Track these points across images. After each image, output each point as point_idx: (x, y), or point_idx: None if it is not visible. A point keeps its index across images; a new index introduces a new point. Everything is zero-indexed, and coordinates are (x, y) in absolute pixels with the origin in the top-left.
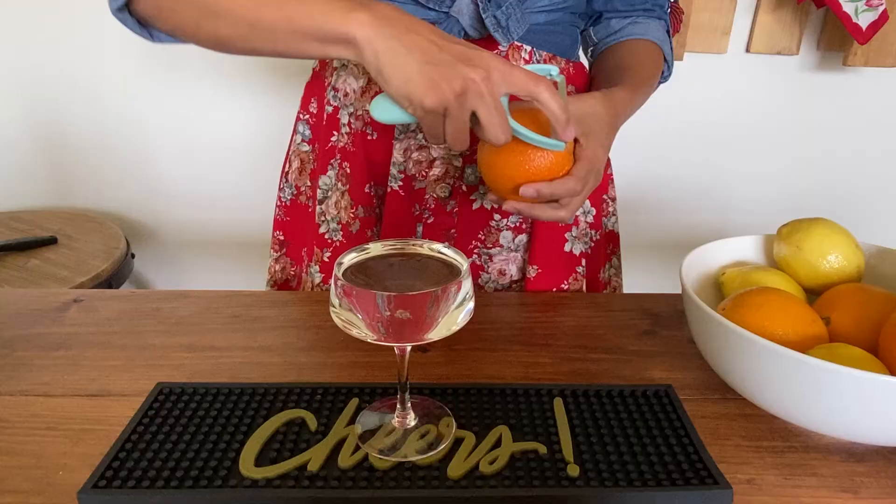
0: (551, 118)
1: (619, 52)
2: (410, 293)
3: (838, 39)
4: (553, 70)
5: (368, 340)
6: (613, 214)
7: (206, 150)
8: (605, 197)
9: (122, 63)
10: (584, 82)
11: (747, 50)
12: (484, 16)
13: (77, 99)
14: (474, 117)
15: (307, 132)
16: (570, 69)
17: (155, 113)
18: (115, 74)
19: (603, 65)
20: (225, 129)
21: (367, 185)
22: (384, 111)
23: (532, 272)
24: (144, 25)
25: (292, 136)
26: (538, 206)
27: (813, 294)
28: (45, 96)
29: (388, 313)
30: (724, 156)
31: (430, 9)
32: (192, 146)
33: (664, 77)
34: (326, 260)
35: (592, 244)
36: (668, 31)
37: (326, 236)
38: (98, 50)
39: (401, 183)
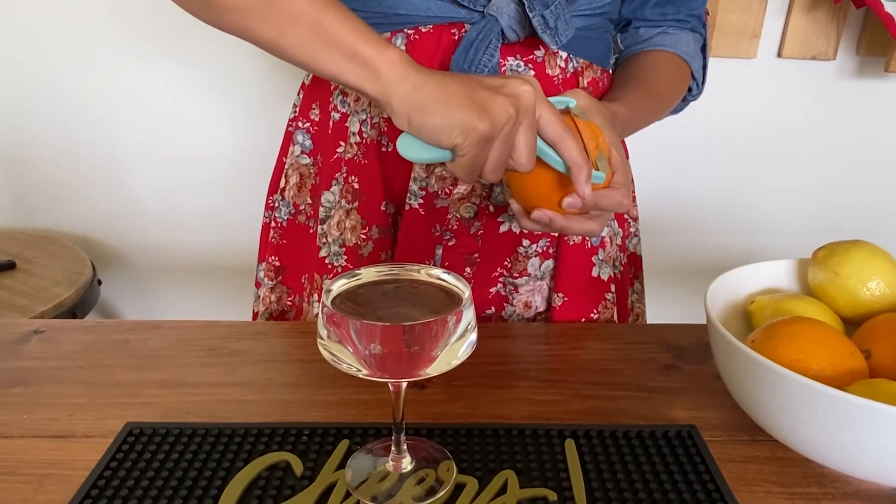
0: (574, 169)
1: (639, 62)
2: (405, 324)
3: (880, 43)
4: (571, 102)
5: (360, 376)
6: (635, 235)
7: (183, 163)
8: (626, 216)
9: (89, 66)
10: None
11: (779, 54)
12: (531, 15)
13: (37, 105)
14: None
15: (307, 142)
16: (605, 80)
17: (125, 121)
18: (80, 79)
19: (619, 73)
20: (205, 139)
21: (384, 203)
22: (418, 150)
23: (558, 300)
24: None
25: (283, 146)
26: (573, 217)
27: (852, 324)
28: (1, 102)
29: (381, 346)
30: (752, 171)
31: (462, 6)
32: (167, 159)
33: (692, 95)
34: (325, 284)
35: (621, 268)
36: (703, 47)
37: (327, 261)
38: (62, 51)
39: (421, 200)
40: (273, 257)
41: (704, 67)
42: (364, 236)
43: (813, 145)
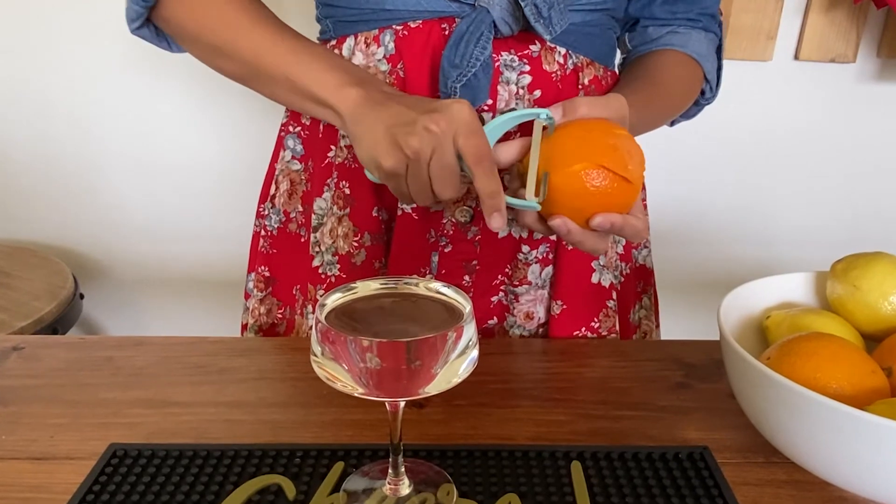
0: (480, 199)
1: (646, 62)
2: (403, 340)
3: None
4: (542, 113)
5: (355, 395)
6: (645, 247)
7: (170, 171)
8: None
9: (69, 68)
10: None
11: (796, 57)
12: (523, 4)
13: (16, 110)
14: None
15: (298, 147)
16: (608, 79)
17: (109, 127)
18: (61, 81)
19: (625, 73)
20: (193, 146)
21: (376, 208)
22: None
23: (557, 309)
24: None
25: (275, 152)
26: (589, 232)
27: (872, 340)
28: None
29: (377, 363)
30: (767, 179)
31: (452, 0)
32: (152, 167)
33: (706, 98)
34: (319, 298)
35: (622, 279)
36: (718, 48)
37: (320, 270)
38: (40, 53)
39: (414, 205)
40: (262, 267)
41: (719, 69)
42: (356, 244)
43: (831, 152)
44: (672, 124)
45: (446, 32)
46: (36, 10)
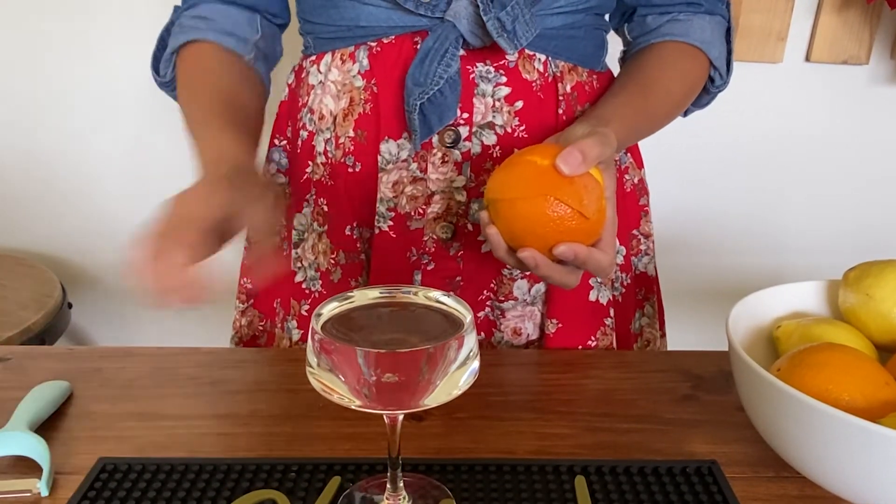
0: None
1: (643, 61)
2: (402, 350)
3: None
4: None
5: (352, 407)
6: (647, 254)
7: (162, 177)
8: (635, 233)
9: (57, 75)
10: None
11: (807, 59)
12: (485, 18)
13: (1, 115)
14: None
15: (283, 161)
16: (595, 82)
17: (99, 129)
18: (49, 88)
19: (619, 78)
20: (186, 150)
21: (349, 227)
22: None
23: (551, 327)
24: None
25: (266, 164)
26: (557, 266)
27: (886, 351)
28: None
29: (376, 375)
30: (777, 185)
31: (420, 15)
32: (144, 171)
33: (716, 86)
34: (305, 314)
35: (623, 289)
36: (726, 31)
37: (304, 285)
38: (27, 60)
39: (391, 223)
40: (246, 279)
41: (730, 53)
42: (333, 261)
43: (843, 156)
44: (685, 114)
45: (418, 47)
46: (24, 15)
